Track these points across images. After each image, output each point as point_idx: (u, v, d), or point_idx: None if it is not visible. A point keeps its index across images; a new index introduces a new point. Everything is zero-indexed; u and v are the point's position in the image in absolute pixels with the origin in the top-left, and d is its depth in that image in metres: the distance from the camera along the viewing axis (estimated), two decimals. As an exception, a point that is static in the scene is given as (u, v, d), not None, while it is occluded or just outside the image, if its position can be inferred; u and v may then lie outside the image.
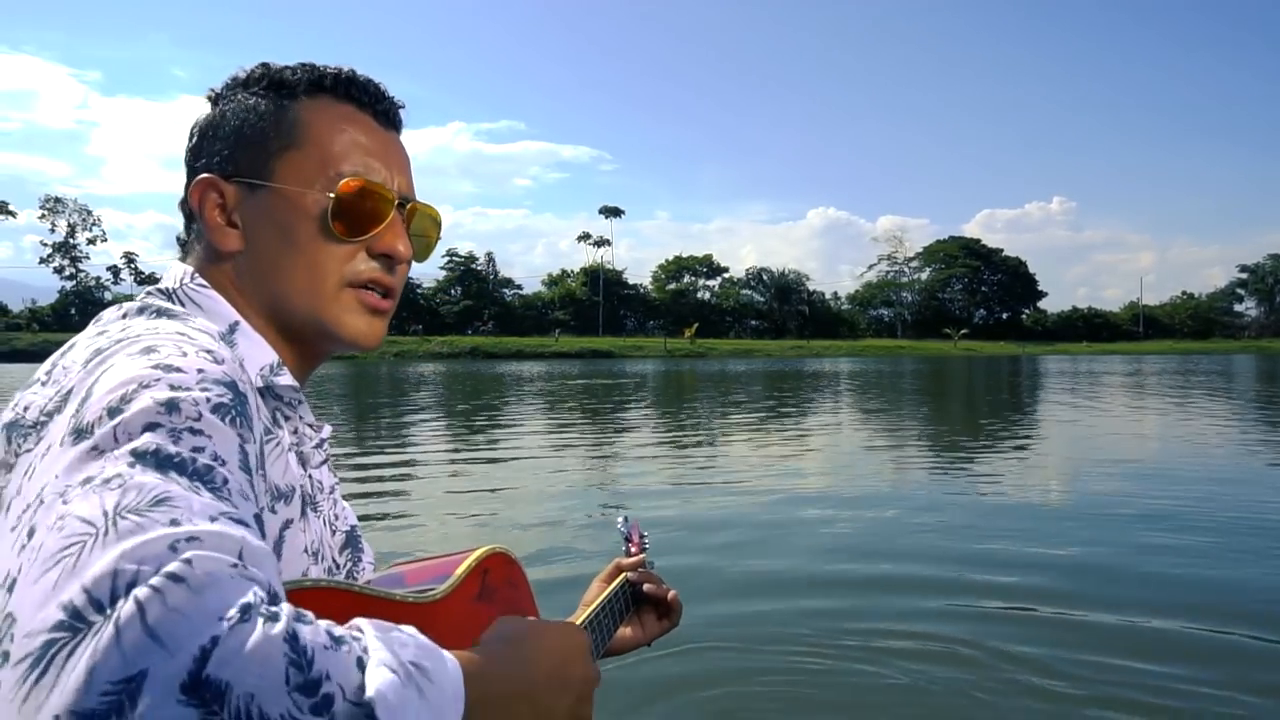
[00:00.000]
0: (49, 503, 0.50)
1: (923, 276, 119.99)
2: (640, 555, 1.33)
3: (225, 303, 0.78)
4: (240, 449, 0.58)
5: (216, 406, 0.59)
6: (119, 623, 0.42)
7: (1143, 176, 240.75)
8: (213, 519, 0.49)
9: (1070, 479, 7.74)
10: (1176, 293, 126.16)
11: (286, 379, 0.79)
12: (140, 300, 0.77)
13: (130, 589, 0.43)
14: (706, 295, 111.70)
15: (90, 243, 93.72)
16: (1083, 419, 13.84)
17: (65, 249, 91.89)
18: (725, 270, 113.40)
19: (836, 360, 61.48)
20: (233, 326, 0.77)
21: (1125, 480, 7.38)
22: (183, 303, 0.77)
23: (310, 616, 0.48)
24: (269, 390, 0.77)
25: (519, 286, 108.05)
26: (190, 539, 0.47)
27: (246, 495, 0.56)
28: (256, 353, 0.77)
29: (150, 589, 0.43)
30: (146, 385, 0.57)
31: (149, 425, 0.54)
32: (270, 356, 0.78)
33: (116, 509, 0.48)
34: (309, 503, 0.79)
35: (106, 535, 0.46)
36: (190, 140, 0.84)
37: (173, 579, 0.44)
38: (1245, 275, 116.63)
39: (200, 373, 0.60)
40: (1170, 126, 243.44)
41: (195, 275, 0.79)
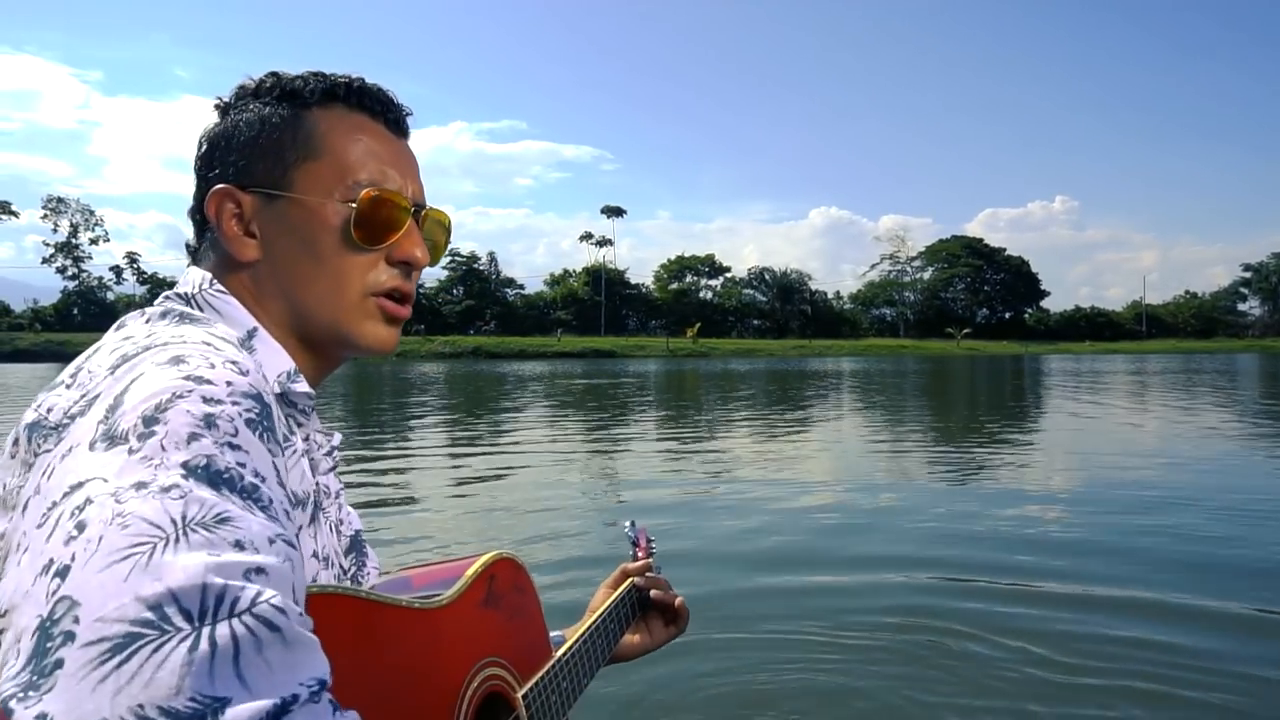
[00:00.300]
0: (100, 502, 0.51)
1: (925, 276, 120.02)
2: (647, 560, 1.32)
3: (243, 309, 0.79)
4: (272, 465, 0.61)
5: (249, 421, 0.60)
6: (215, 647, 0.45)
7: (1146, 175, 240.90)
8: (271, 541, 0.52)
9: (1072, 473, 7.74)
10: (1180, 292, 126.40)
11: (302, 386, 0.80)
12: (161, 305, 0.78)
13: (219, 609, 0.46)
14: (709, 295, 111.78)
15: (93, 243, 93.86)
16: (1086, 417, 13.80)
17: (68, 249, 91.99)
18: (727, 270, 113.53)
19: (839, 360, 61.45)
20: (251, 333, 0.78)
21: (1128, 473, 7.36)
22: (201, 308, 0.78)
23: None
24: (284, 397, 0.78)
25: (521, 286, 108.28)
26: (259, 570, 0.49)
27: (288, 512, 0.59)
28: (274, 359, 0.78)
29: (247, 629, 0.46)
30: (181, 396, 0.58)
31: (193, 437, 0.56)
32: (287, 363, 0.79)
33: (185, 520, 0.50)
34: (318, 508, 0.81)
35: (178, 543, 0.48)
36: (200, 149, 0.84)
37: (268, 625, 0.47)
38: (1249, 274, 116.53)
39: (229, 385, 0.61)
40: (1173, 125, 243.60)
41: (213, 281, 0.80)
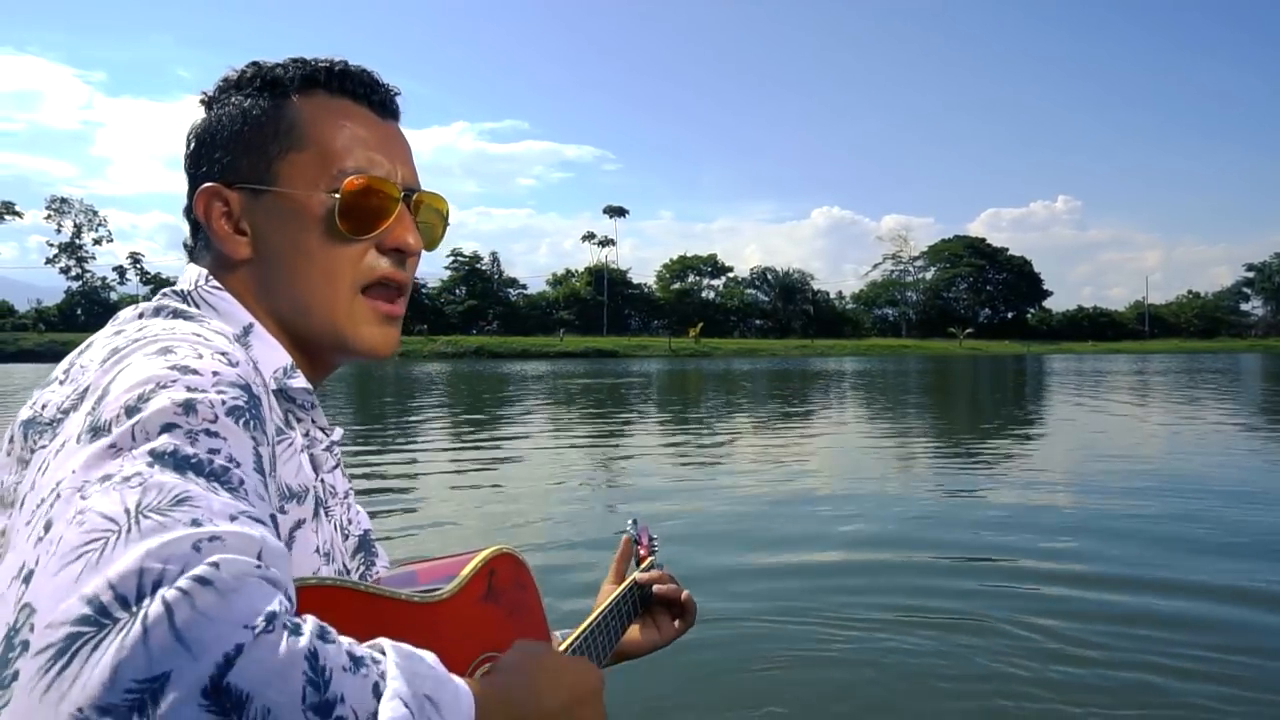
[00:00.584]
0: (66, 497, 0.51)
1: (927, 276, 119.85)
2: (648, 557, 1.32)
3: (239, 306, 0.78)
4: (254, 451, 0.60)
5: (232, 409, 0.59)
6: (146, 622, 0.43)
7: (1148, 175, 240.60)
8: (232, 518, 0.50)
9: (1076, 466, 7.76)
10: (1182, 292, 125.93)
11: (300, 381, 0.79)
12: (157, 301, 0.77)
13: (156, 588, 0.44)
14: (711, 295, 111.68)
15: (96, 243, 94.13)
16: (1089, 416, 13.81)
17: (71, 249, 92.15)
18: (729, 270, 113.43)
19: (841, 360, 61.46)
20: (247, 329, 0.78)
21: (1131, 467, 7.37)
22: (197, 305, 0.77)
23: (333, 634, 0.49)
24: (282, 393, 0.77)
25: (523, 286, 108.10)
26: (212, 539, 0.47)
27: (262, 496, 0.57)
28: (271, 355, 0.78)
29: (178, 591, 0.44)
30: (164, 385, 0.58)
31: (167, 425, 0.55)
32: (284, 359, 0.79)
33: (138, 508, 0.49)
34: (321, 506, 0.79)
35: (129, 533, 0.47)
36: (188, 147, 0.83)
37: (200, 582, 0.45)
38: (1252, 274, 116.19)
39: (216, 375, 0.61)
40: (1176, 125, 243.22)
41: (209, 278, 0.79)
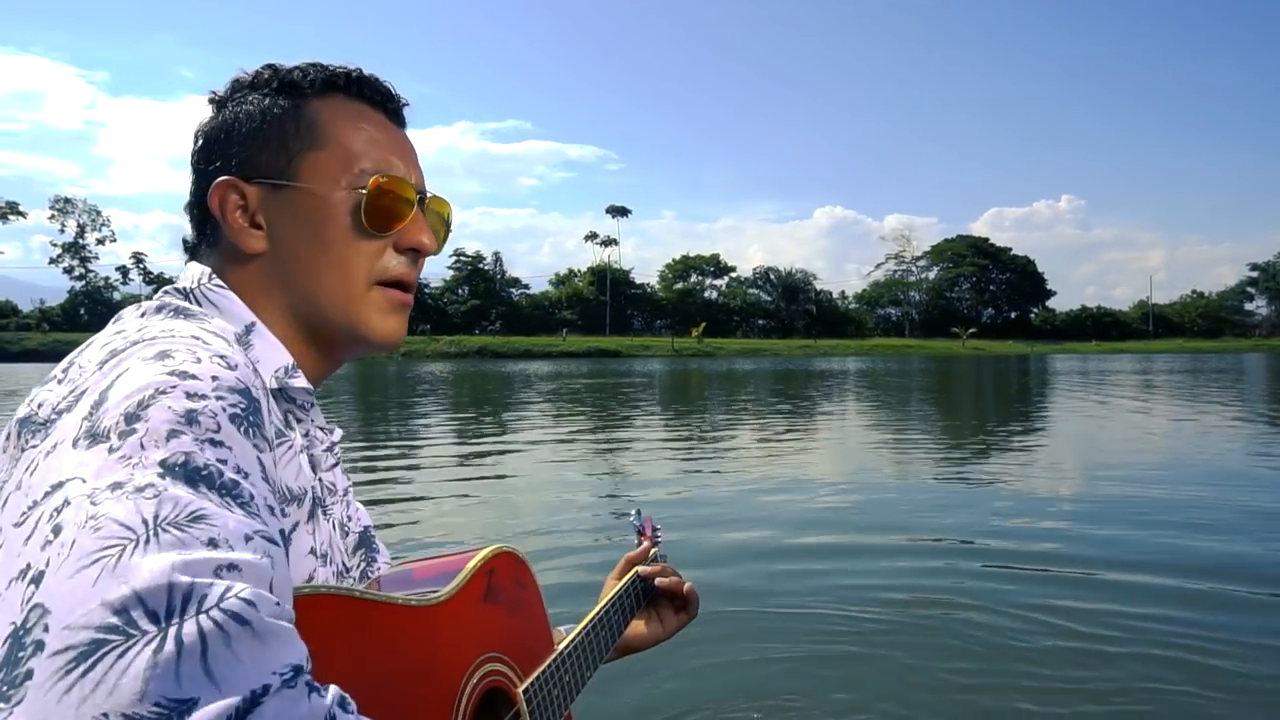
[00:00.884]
0: (76, 504, 0.51)
1: (930, 276, 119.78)
2: (647, 547, 1.31)
3: (242, 304, 0.79)
4: (258, 460, 0.60)
5: (234, 417, 0.60)
6: (181, 647, 0.44)
7: (1152, 174, 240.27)
8: (247, 539, 0.51)
9: (1080, 465, 7.75)
10: (1186, 291, 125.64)
11: (300, 381, 0.79)
12: (159, 299, 0.77)
13: (185, 608, 0.45)
14: (713, 295, 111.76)
15: (99, 243, 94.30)
16: (1093, 415, 13.80)
17: (75, 249, 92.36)
18: (732, 269, 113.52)
19: (844, 360, 61.44)
20: (249, 328, 0.78)
21: (1132, 464, 7.35)
22: (200, 303, 0.77)
23: (352, 705, 0.50)
24: (282, 392, 0.78)
25: (526, 286, 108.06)
26: (231, 566, 0.48)
27: (271, 508, 0.58)
28: (272, 354, 0.78)
29: (213, 624, 0.45)
30: (163, 391, 0.58)
31: (172, 434, 0.55)
32: (285, 359, 0.79)
33: (156, 520, 0.49)
34: (319, 505, 0.80)
35: (148, 544, 0.48)
36: (195, 143, 0.83)
37: (237, 619, 0.45)
38: (1256, 274, 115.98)
39: (215, 380, 0.61)
40: (1179, 124, 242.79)
41: (212, 276, 0.79)
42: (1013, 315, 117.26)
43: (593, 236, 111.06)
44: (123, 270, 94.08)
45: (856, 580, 4.12)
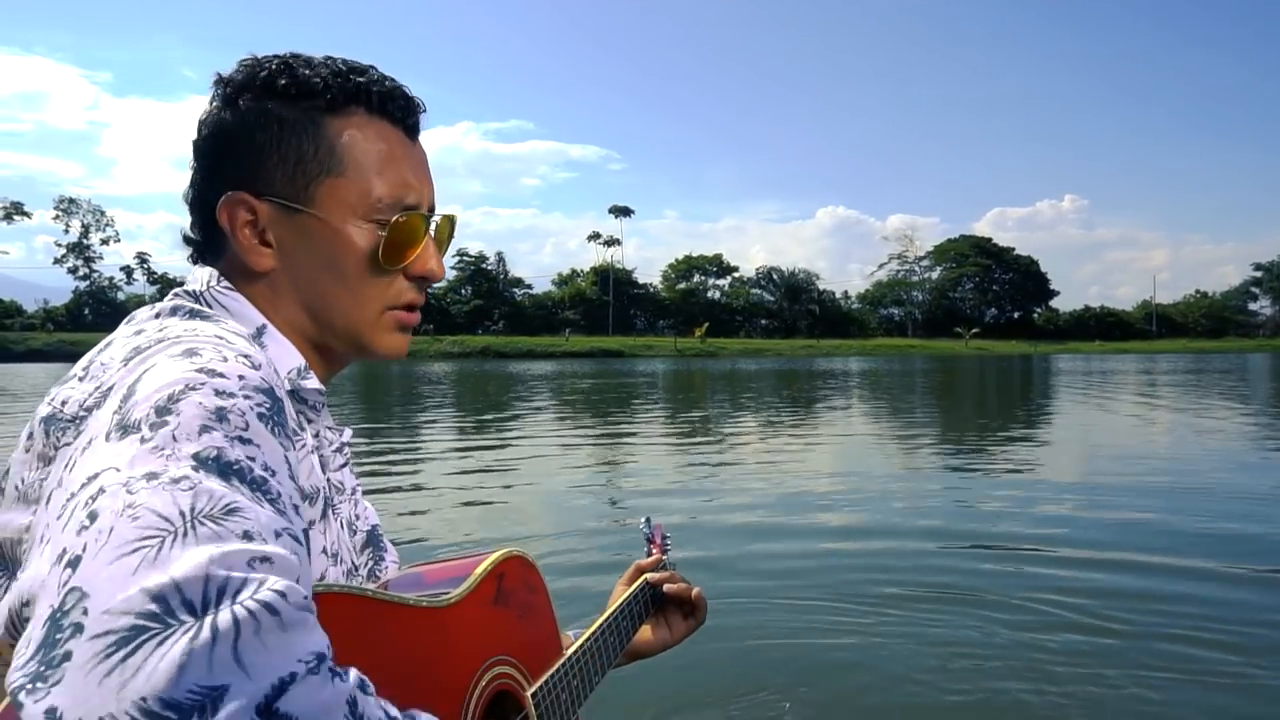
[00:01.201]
0: (112, 492, 0.52)
1: (933, 275, 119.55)
2: (659, 556, 1.32)
3: (252, 307, 0.79)
4: (285, 458, 0.61)
5: (261, 415, 0.61)
6: (216, 635, 0.45)
7: (1155, 174, 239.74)
8: (278, 534, 0.53)
9: (1085, 463, 7.74)
10: (1190, 291, 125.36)
11: (313, 382, 0.80)
12: (171, 301, 0.77)
13: (221, 600, 0.47)
14: (716, 295, 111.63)
15: (103, 243, 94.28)
16: (1096, 414, 13.80)
17: (79, 249, 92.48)
18: (735, 269, 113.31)
19: (847, 360, 61.40)
20: (260, 330, 0.78)
21: (1136, 461, 7.37)
22: (210, 305, 0.77)
23: (371, 688, 0.52)
24: (294, 393, 0.78)
25: (529, 286, 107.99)
26: (264, 559, 0.50)
27: (296, 505, 0.59)
28: (284, 356, 0.78)
29: (247, 613, 0.47)
30: (193, 388, 0.59)
31: (204, 429, 0.56)
32: (297, 360, 0.79)
33: (193, 512, 0.51)
34: (329, 505, 0.81)
35: (186, 536, 0.49)
36: (200, 133, 0.81)
37: (268, 610, 0.47)
38: (1260, 273, 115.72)
39: (242, 379, 0.62)
40: (1183, 123, 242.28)
41: (221, 279, 0.79)
42: (1016, 315, 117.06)
43: (595, 236, 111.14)
44: (127, 270, 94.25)
45: (862, 575, 4.14)
